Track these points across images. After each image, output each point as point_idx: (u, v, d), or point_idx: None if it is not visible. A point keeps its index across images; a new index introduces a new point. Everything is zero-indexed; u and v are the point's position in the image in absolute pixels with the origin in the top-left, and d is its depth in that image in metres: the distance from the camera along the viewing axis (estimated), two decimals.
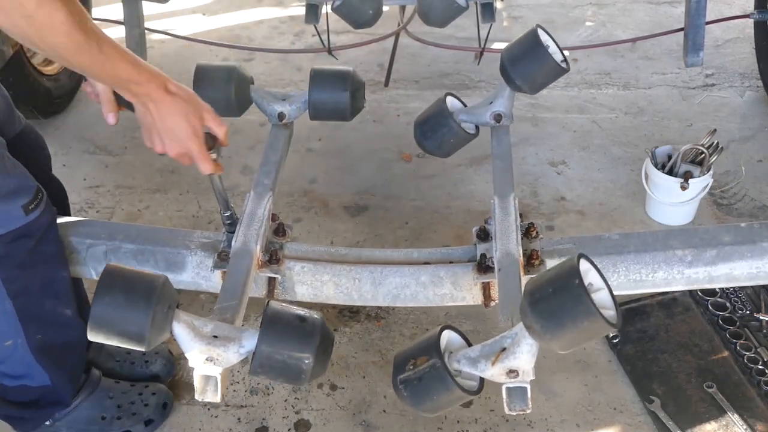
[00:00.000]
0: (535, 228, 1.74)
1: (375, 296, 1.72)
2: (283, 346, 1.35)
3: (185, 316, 1.38)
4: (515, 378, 1.34)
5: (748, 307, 2.14)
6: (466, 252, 1.76)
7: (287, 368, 1.36)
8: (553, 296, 1.23)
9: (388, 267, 1.71)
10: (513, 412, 1.38)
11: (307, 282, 1.72)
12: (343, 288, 1.72)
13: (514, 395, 1.37)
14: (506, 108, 2.02)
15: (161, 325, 1.33)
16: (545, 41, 1.89)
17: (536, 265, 1.66)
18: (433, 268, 1.71)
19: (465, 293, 1.70)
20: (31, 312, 1.65)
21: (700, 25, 2.50)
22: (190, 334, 1.37)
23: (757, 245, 1.66)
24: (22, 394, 1.77)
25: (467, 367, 1.35)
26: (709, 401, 1.92)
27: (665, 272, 1.67)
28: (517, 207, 1.76)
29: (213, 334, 1.39)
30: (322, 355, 1.38)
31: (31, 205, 1.57)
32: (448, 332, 1.39)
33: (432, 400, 1.35)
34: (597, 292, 1.26)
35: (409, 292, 1.71)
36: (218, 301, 1.55)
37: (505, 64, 1.93)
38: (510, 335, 1.33)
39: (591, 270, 1.28)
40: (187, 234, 1.78)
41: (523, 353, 1.32)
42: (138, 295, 1.30)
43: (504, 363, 1.32)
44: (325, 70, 2.04)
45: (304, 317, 1.38)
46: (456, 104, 2.06)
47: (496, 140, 1.99)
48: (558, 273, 1.25)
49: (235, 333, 1.39)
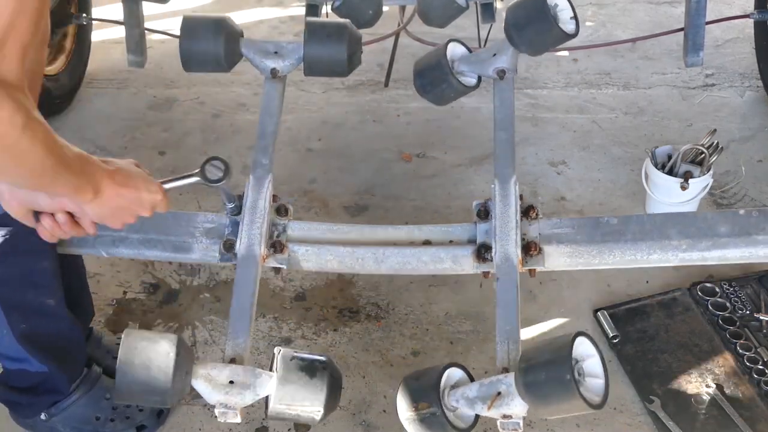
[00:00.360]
0: (534, 209, 1.73)
1: (378, 269, 1.75)
2: (295, 403, 1.47)
3: (202, 369, 1.48)
4: (509, 420, 1.45)
5: (748, 307, 2.14)
6: (466, 231, 1.76)
7: (300, 417, 1.50)
8: (541, 371, 1.35)
9: (390, 248, 1.73)
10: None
11: (311, 260, 1.74)
12: (346, 264, 1.75)
13: (509, 425, 1.47)
14: (510, 64, 1.92)
15: (181, 386, 1.44)
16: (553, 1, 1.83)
17: (534, 255, 1.67)
18: (434, 250, 1.72)
19: (465, 267, 1.72)
20: (12, 302, 1.65)
21: (700, 25, 2.50)
22: (209, 387, 1.47)
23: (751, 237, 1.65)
24: (22, 379, 1.78)
25: (464, 406, 1.46)
26: (709, 401, 1.92)
27: (659, 255, 1.69)
28: (518, 192, 1.75)
29: (230, 380, 1.48)
30: (331, 403, 1.50)
31: None
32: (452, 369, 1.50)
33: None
34: (592, 379, 1.37)
35: (410, 267, 1.73)
36: (230, 322, 1.61)
37: (508, 24, 1.87)
38: (505, 382, 1.43)
39: (594, 357, 1.39)
40: (190, 218, 1.77)
41: (516, 406, 1.42)
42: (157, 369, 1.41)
43: (499, 409, 1.43)
44: (321, 23, 1.96)
45: (313, 370, 1.50)
46: (457, 51, 1.99)
47: (498, 98, 1.91)
48: (551, 348, 1.38)
49: (251, 378, 1.48)
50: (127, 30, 2.62)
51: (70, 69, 2.89)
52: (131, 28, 2.61)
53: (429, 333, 2.14)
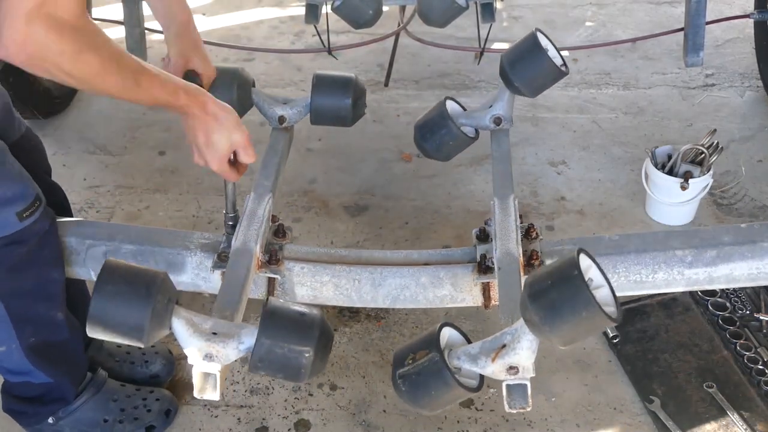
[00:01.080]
0: (534, 229, 1.74)
1: (375, 298, 1.72)
2: (284, 338, 1.34)
3: (184, 312, 1.38)
4: (515, 375, 1.33)
5: (748, 307, 2.14)
6: (466, 253, 1.76)
7: (287, 362, 1.35)
8: (552, 287, 1.22)
9: (388, 268, 1.71)
10: (513, 410, 1.37)
11: (306, 283, 1.72)
12: (342, 289, 1.71)
13: (515, 393, 1.37)
14: (506, 111, 2.02)
15: (161, 320, 1.33)
16: (545, 45, 1.89)
17: (536, 265, 1.66)
18: (433, 269, 1.71)
19: (465, 294, 1.70)
20: (23, 315, 1.64)
21: (700, 25, 2.50)
22: (189, 330, 1.37)
23: (757, 245, 1.66)
24: (25, 390, 1.78)
25: (467, 363, 1.34)
26: (709, 401, 1.92)
27: (665, 273, 1.67)
28: (517, 208, 1.77)
29: (212, 331, 1.38)
30: (321, 350, 1.37)
31: (26, 212, 1.57)
32: (449, 329, 1.38)
33: (430, 395, 1.34)
34: (598, 289, 1.26)
35: (408, 294, 1.70)
36: (217, 300, 1.55)
37: (504, 67, 1.93)
38: (510, 331, 1.33)
39: (592, 267, 1.28)
40: (186, 235, 1.78)
41: (523, 349, 1.31)
42: (138, 290, 1.30)
43: (504, 359, 1.32)
44: (328, 75, 2.05)
45: (303, 312, 1.38)
46: (456, 108, 2.07)
47: (495, 143, 2.00)
48: (557, 265, 1.25)
49: (235, 329, 1.39)
50: (127, 30, 2.62)
51: None
52: (131, 28, 2.61)
53: None
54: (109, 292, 1.30)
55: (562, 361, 2.04)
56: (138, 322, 1.30)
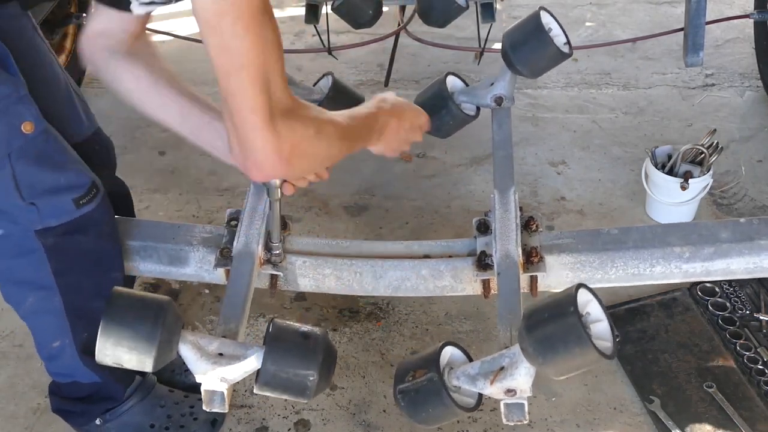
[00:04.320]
0: (534, 221, 1.74)
1: (376, 288, 1.73)
2: (288, 364, 1.37)
3: (191, 336, 1.41)
4: (513, 396, 1.37)
5: (748, 307, 2.14)
6: (466, 245, 1.76)
7: (292, 385, 1.39)
8: (547, 322, 1.26)
9: (389, 261, 1.72)
10: (510, 423, 1.42)
11: (308, 275, 1.74)
12: (344, 281, 1.73)
13: (512, 408, 1.40)
14: (507, 91, 1.98)
15: (167, 348, 1.37)
16: (547, 24, 1.86)
17: (535, 262, 1.67)
18: (434, 262, 1.72)
19: (465, 285, 1.72)
20: (79, 311, 1.64)
21: (700, 25, 2.50)
22: (196, 354, 1.40)
23: (754, 242, 1.66)
24: (74, 390, 1.78)
25: (466, 384, 1.38)
26: (709, 401, 1.92)
27: (663, 267, 1.68)
28: (518, 201, 1.76)
29: (218, 352, 1.41)
30: (325, 371, 1.41)
31: (82, 199, 1.56)
32: (450, 348, 1.42)
33: (428, 412, 1.38)
34: (595, 324, 1.29)
35: (409, 284, 1.72)
36: (222, 311, 1.58)
37: (506, 47, 1.90)
38: (508, 354, 1.36)
39: (592, 301, 1.31)
40: (188, 228, 1.79)
41: (521, 375, 1.35)
42: (144, 322, 1.34)
43: (502, 383, 1.36)
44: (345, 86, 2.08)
45: (307, 334, 1.41)
46: (456, 84, 2.02)
47: (496, 124, 1.95)
48: (555, 300, 1.29)
49: (240, 351, 1.42)
50: None
51: (70, 69, 2.89)
52: None
53: (429, 333, 2.14)
54: (116, 324, 1.34)
55: None
56: (145, 354, 1.34)
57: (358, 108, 1.58)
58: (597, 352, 1.23)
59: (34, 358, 2.10)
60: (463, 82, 2.04)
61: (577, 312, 1.23)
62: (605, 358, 1.24)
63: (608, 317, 1.29)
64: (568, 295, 1.26)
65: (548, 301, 1.30)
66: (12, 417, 1.97)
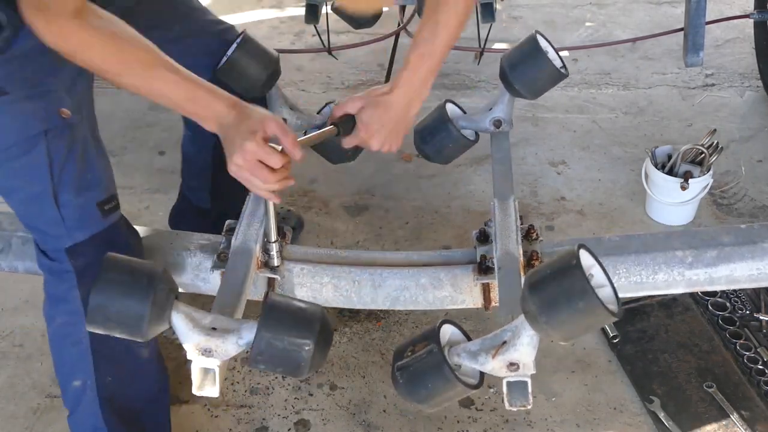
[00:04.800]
0: (534, 230, 1.74)
1: (374, 299, 1.71)
2: (284, 331, 1.33)
3: (184, 307, 1.38)
4: (516, 371, 1.32)
5: (748, 307, 2.14)
6: (466, 254, 1.76)
7: (287, 356, 1.34)
8: (550, 278, 1.22)
9: (388, 269, 1.71)
10: (513, 408, 1.36)
11: (306, 284, 1.72)
12: (342, 290, 1.71)
13: (515, 390, 1.36)
14: (506, 114, 2.01)
15: (160, 314, 1.33)
16: (544, 47, 1.89)
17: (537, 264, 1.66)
18: (433, 270, 1.71)
19: (465, 296, 1.70)
20: (105, 349, 1.58)
21: (700, 25, 2.50)
22: (189, 324, 1.36)
23: (757, 246, 1.66)
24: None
25: (467, 360, 1.33)
26: (709, 401, 1.92)
27: (666, 274, 1.67)
28: (517, 209, 1.77)
29: (212, 326, 1.38)
30: (322, 344, 1.36)
31: (106, 204, 1.54)
32: (449, 326, 1.38)
33: (428, 389, 1.32)
34: (600, 288, 1.25)
35: (408, 295, 1.70)
36: (216, 298, 1.55)
37: (504, 69, 1.93)
38: (510, 328, 1.32)
39: (595, 266, 1.27)
40: (186, 236, 1.78)
41: (523, 345, 1.30)
42: (138, 283, 1.30)
43: (504, 356, 1.31)
44: None
45: (303, 306, 1.37)
46: (455, 111, 2.06)
47: (495, 146, 1.99)
48: (557, 257, 1.25)
49: (234, 324, 1.39)
50: None
51: None
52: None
53: None
54: (109, 284, 1.30)
55: (563, 361, 2.04)
56: (137, 317, 1.30)
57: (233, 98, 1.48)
58: (603, 307, 1.18)
59: (34, 358, 2.10)
60: (461, 110, 2.06)
61: (581, 266, 1.20)
62: (611, 316, 1.19)
63: (611, 281, 1.27)
64: (570, 252, 1.22)
65: (550, 260, 1.26)
66: (12, 417, 1.97)
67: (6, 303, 2.25)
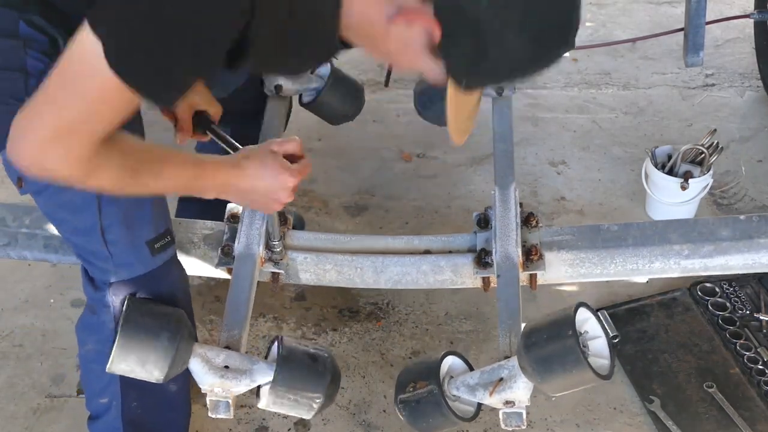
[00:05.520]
0: (534, 217, 1.74)
1: (377, 281, 1.74)
2: (297, 387, 1.41)
3: (200, 349, 1.44)
4: (512, 407, 1.41)
5: (748, 307, 2.14)
6: (466, 240, 1.76)
7: (298, 405, 1.43)
8: (546, 343, 1.29)
9: (389, 257, 1.73)
10: (509, 428, 1.45)
11: (309, 270, 1.74)
12: (345, 275, 1.73)
13: (511, 416, 1.43)
14: None
15: (180, 361, 1.40)
16: None
17: (535, 260, 1.67)
18: (434, 258, 1.72)
19: (465, 279, 1.72)
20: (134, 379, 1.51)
21: (700, 25, 2.49)
22: (205, 367, 1.43)
23: (753, 240, 1.66)
24: None
25: (465, 394, 1.41)
26: (709, 401, 1.92)
27: (662, 263, 1.69)
28: (518, 198, 1.76)
29: (225, 365, 1.44)
30: (331, 392, 1.45)
31: (158, 242, 1.47)
32: (451, 358, 1.47)
33: (428, 422, 1.42)
34: (593, 341, 1.31)
35: (410, 278, 1.73)
36: (225, 314, 1.59)
37: None
38: (507, 366, 1.40)
39: (590, 319, 1.33)
40: (189, 224, 1.78)
41: (519, 388, 1.38)
42: (162, 336, 1.37)
43: (501, 395, 1.39)
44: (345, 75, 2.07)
45: (316, 357, 1.44)
46: None
47: (497, 114, 1.95)
48: (554, 321, 1.32)
49: (247, 365, 1.45)
50: None
51: None
52: None
53: (429, 333, 2.14)
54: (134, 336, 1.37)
55: None
56: (160, 367, 1.38)
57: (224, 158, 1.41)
58: (594, 373, 1.26)
59: (34, 358, 2.10)
60: None
61: (576, 335, 1.27)
62: (602, 379, 1.28)
63: (606, 333, 1.32)
64: (567, 316, 1.31)
65: (547, 320, 1.34)
66: (12, 417, 1.97)
67: (6, 303, 2.25)
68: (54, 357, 2.10)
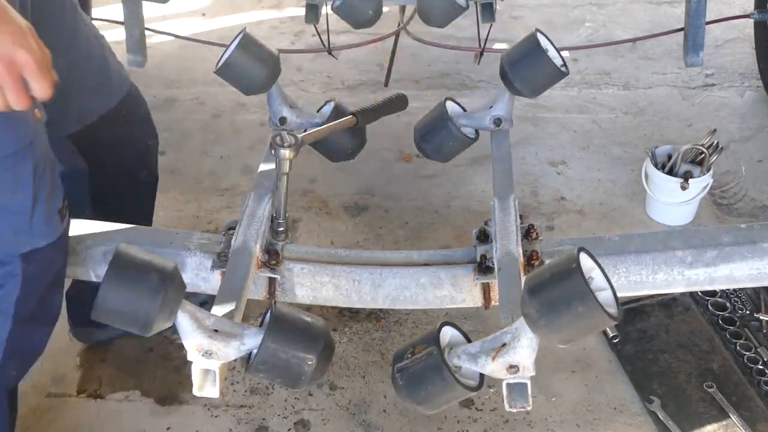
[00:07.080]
0: (535, 230, 1.74)
1: (375, 298, 1.71)
2: (289, 344, 1.34)
3: (190, 306, 1.37)
4: (516, 373, 1.33)
5: (748, 307, 2.14)
6: (466, 254, 1.76)
7: (289, 368, 1.35)
8: (550, 281, 1.22)
9: (388, 269, 1.71)
10: (513, 409, 1.37)
11: (306, 284, 1.72)
12: (342, 290, 1.71)
13: (515, 392, 1.37)
14: (506, 112, 2.02)
15: (168, 312, 1.32)
16: (545, 46, 1.89)
17: (536, 265, 1.66)
18: (433, 270, 1.71)
19: (465, 295, 1.70)
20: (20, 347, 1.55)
21: (700, 25, 2.50)
22: (193, 325, 1.36)
23: (757, 245, 1.66)
24: None
25: (467, 362, 1.34)
26: (709, 401, 1.92)
27: (665, 273, 1.67)
28: (517, 208, 1.77)
29: (214, 328, 1.38)
30: (323, 361, 1.38)
31: (64, 210, 1.48)
32: (449, 329, 1.39)
33: (428, 391, 1.33)
34: (599, 292, 1.26)
35: (408, 294, 1.70)
36: (217, 298, 1.55)
37: (504, 68, 1.93)
38: (510, 330, 1.33)
39: (595, 269, 1.27)
40: (186, 235, 1.78)
41: (523, 347, 1.31)
42: (151, 280, 1.29)
43: (504, 358, 1.32)
44: None
45: (309, 320, 1.39)
46: (456, 109, 2.06)
47: (495, 144, 1.99)
48: (557, 261, 1.25)
49: (238, 329, 1.39)
50: (127, 30, 2.62)
51: None
52: (131, 28, 2.61)
53: None
54: (120, 279, 1.28)
55: (563, 361, 2.04)
56: (146, 314, 1.29)
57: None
58: (602, 310, 1.18)
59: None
60: (461, 108, 2.06)
61: (580, 269, 1.20)
62: (611, 319, 1.19)
63: (611, 285, 1.27)
64: (569, 254, 1.23)
65: (550, 263, 1.27)
66: None
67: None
68: (54, 357, 2.09)
